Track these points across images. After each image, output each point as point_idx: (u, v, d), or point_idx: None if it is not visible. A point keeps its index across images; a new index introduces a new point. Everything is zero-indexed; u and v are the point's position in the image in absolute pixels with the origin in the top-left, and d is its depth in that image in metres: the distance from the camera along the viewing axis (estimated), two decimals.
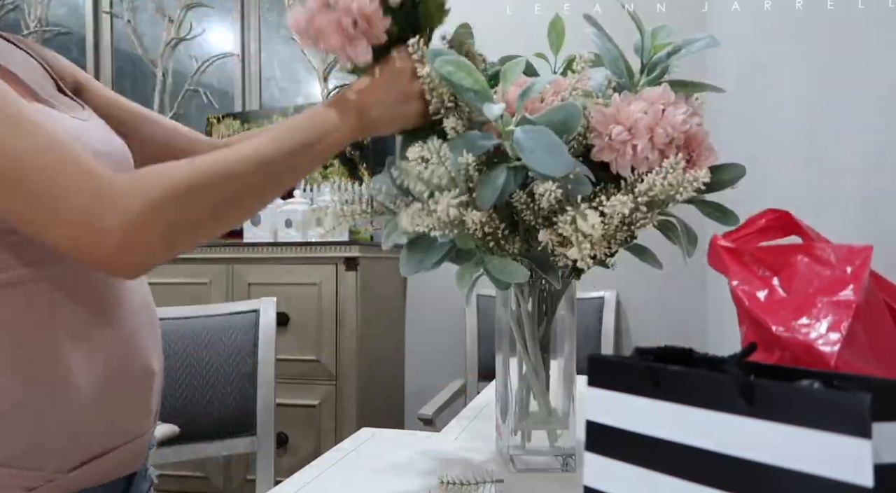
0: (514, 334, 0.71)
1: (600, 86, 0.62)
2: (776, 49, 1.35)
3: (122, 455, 0.65)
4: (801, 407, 0.33)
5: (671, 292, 2.11)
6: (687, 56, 0.64)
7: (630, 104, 0.58)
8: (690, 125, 0.59)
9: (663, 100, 0.59)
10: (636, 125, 0.58)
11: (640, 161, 0.58)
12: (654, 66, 0.64)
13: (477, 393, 1.94)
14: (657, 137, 0.58)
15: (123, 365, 0.64)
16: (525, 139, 0.56)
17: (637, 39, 0.65)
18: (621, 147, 0.58)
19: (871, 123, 0.91)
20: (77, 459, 0.61)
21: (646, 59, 0.65)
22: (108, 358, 0.62)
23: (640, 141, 0.58)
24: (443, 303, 2.29)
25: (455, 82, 0.59)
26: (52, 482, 0.59)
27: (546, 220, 0.61)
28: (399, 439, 0.86)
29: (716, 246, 0.70)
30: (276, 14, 2.52)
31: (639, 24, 0.65)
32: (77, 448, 0.61)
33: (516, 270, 0.61)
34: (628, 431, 0.42)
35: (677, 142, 0.59)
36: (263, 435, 1.35)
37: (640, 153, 0.58)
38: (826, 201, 1.06)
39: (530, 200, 0.60)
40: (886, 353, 0.61)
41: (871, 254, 0.62)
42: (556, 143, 0.55)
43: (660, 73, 0.64)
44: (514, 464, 0.71)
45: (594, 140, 0.60)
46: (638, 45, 0.65)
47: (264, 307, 1.40)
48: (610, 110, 0.59)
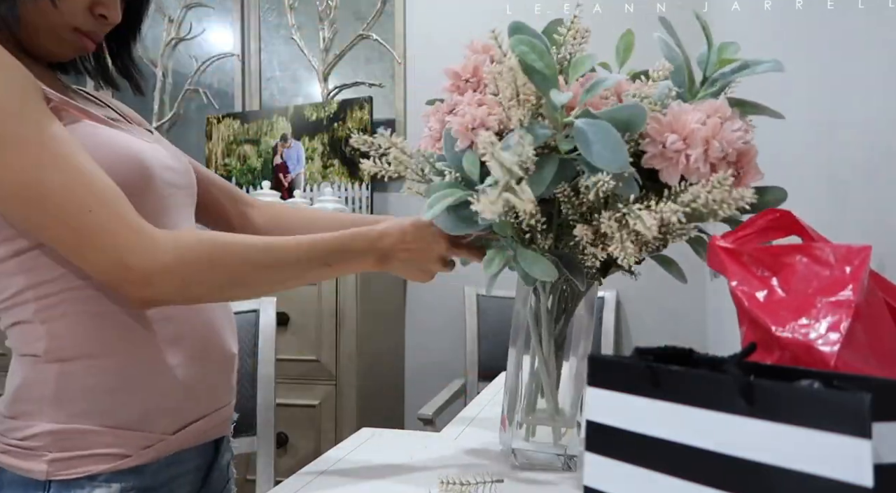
0: (531, 331, 0.71)
1: (661, 95, 0.62)
2: (776, 49, 1.35)
3: (212, 421, 0.77)
4: (801, 407, 0.33)
5: (671, 292, 2.10)
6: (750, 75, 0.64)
7: (688, 114, 0.58)
8: (744, 142, 0.59)
9: (720, 113, 0.58)
10: (692, 135, 0.57)
11: (692, 171, 0.58)
12: (716, 81, 0.64)
13: (477, 393, 1.94)
14: (712, 149, 0.57)
15: (205, 347, 0.75)
16: (588, 131, 0.56)
17: (703, 51, 0.64)
18: (675, 156, 0.58)
19: (872, 122, 0.91)
20: (178, 423, 0.73)
21: (709, 73, 0.64)
22: (191, 341, 0.73)
23: (695, 152, 0.57)
24: (443, 303, 2.29)
25: (527, 63, 0.59)
26: (161, 442, 0.71)
27: (583, 216, 0.61)
28: (399, 439, 0.86)
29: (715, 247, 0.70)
30: (276, 14, 2.52)
31: (709, 36, 0.65)
32: (176, 415, 0.72)
33: (547, 267, 0.61)
34: (628, 431, 0.42)
35: (729, 158, 0.59)
36: (263, 435, 1.35)
37: (692, 164, 0.57)
38: (826, 201, 1.06)
39: (573, 195, 0.61)
40: (886, 353, 0.61)
41: (870, 254, 0.62)
42: (616, 138, 0.55)
43: (720, 88, 0.64)
44: (515, 458, 0.71)
45: (647, 146, 0.60)
46: (702, 57, 0.65)
47: (264, 307, 1.40)
48: (667, 119, 0.58)
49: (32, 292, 0.67)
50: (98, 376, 0.68)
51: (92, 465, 0.67)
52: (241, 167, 2.42)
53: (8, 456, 0.67)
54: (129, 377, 0.69)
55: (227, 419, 0.82)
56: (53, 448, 0.66)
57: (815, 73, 1.13)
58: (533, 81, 0.59)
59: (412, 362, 2.35)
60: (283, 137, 2.35)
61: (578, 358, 0.71)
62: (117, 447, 0.68)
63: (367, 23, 2.37)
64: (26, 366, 0.68)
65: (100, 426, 0.67)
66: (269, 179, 2.34)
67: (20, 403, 0.68)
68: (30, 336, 0.67)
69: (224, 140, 2.44)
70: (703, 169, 0.58)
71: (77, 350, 0.67)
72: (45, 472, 0.65)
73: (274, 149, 2.37)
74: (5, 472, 0.67)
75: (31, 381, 0.67)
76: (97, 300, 0.67)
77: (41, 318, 0.67)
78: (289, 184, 2.34)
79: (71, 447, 0.66)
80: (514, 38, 0.59)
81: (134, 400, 0.69)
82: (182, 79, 2.60)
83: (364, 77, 2.41)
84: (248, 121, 2.41)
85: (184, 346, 0.73)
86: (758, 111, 0.65)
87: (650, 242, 0.62)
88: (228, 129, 2.43)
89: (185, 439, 0.73)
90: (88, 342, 0.67)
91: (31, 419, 0.67)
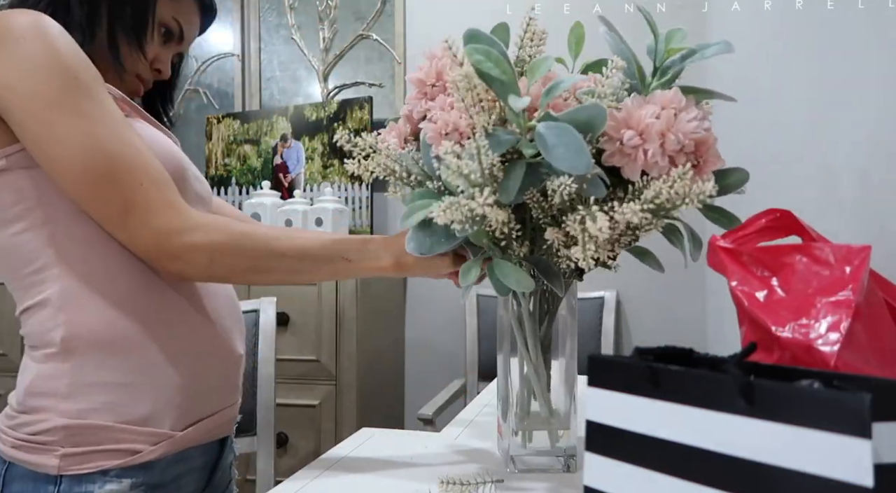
0: (515, 334, 0.71)
1: (615, 89, 0.61)
2: (776, 49, 1.35)
3: (218, 420, 0.79)
4: (801, 407, 0.33)
5: (671, 292, 2.11)
6: (700, 60, 0.63)
7: (641, 108, 0.58)
8: (700, 131, 0.59)
9: (674, 104, 0.58)
10: (647, 130, 0.57)
11: (651, 166, 0.58)
12: (667, 69, 0.63)
13: (477, 393, 1.94)
14: (668, 143, 0.57)
15: (214, 347, 0.77)
16: (548, 135, 0.56)
17: (650, 42, 0.65)
18: (633, 152, 0.58)
19: (872, 122, 0.91)
20: (188, 420, 0.74)
21: (658, 63, 0.64)
22: (202, 340, 0.76)
23: (651, 146, 0.57)
24: (443, 303, 2.29)
25: (483, 72, 0.59)
26: (170, 439, 0.72)
27: (554, 219, 0.61)
28: (399, 439, 0.86)
29: (714, 247, 0.70)
30: (276, 14, 2.52)
31: (653, 26, 0.65)
32: (186, 412, 0.74)
33: (523, 278, 0.61)
34: (628, 431, 0.42)
35: (687, 148, 0.58)
36: (263, 435, 1.35)
37: (650, 158, 0.57)
38: (826, 201, 1.06)
39: (542, 198, 0.60)
40: (886, 353, 0.61)
41: (869, 254, 0.62)
42: (578, 141, 0.54)
43: (672, 77, 0.63)
44: (515, 465, 0.71)
45: (605, 144, 0.59)
46: (650, 48, 0.65)
47: (264, 307, 1.40)
48: (621, 115, 0.58)
49: (60, 268, 0.68)
50: (111, 370, 0.69)
51: (103, 460, 0.68)
52: (241, 167, 2.42)
53: (19, 451, 0.68)
54: (142, 373, 0.70)
55: (232, 419, 0.83)
56: (66, 443, 0.67)
57: (814, 73, 1.13)
58: (492, 88, 0.60)
59: (412, 362, 2.35)
60: (283, 137, 2.35)
61: (567, 358, 0.71)
62: (128, 443, 0.69)
63: (367, 23, 2.37)
64: (40, 360, 0.69)
65: (112, 422, 0.68)
66: (269, 179, 2.34)
67: (33, 397, 0.69)
68: (48, 323, 0.68)
69: (224, 140, 2.44)
70: (661, 163, 0.57)
71: (93, 342, 0.68)
72: (57, 467, 0.66)
73: (274, 149, 2.37)
74: (15, 466, 0.68)
75: (45, 375, 0.68)
76: (125, 288, 0.70)
77: (61, 302, 0.68)
78: (289, 184, 2.34)
79: (83, 442, 0.67)
80: (468, 48, 0.59)
81: (145, 397, 0.71)
82: (182, 79, 2.60)
83: (364, 77, 2.41)
84: (248, 121, 2.41)
85: (194, 344, 0.75)
86: (712, 96, 0.65)
87: (619, 240, 0.62)
88: (228, 129, 2.43)
89: (192, 437, 0.75)
90: (107, 332, 0.69)
91: (44, 413, 0.68)
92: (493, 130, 0.59)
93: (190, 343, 0.74)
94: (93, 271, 0.69)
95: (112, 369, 0.69)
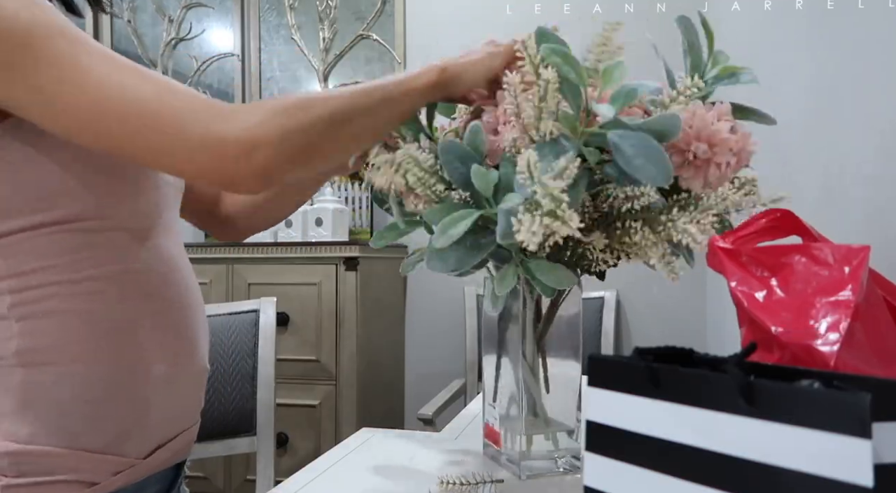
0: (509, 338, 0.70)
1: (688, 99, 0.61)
2: (776, 49, 1.35)
3: (181, 442, 0.71)
4: (801, 407, 0.33)
5: (671, 293, 2.10)
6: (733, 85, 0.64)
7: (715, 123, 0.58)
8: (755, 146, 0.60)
9: (727, 117, 0.59)
10: (722, 144, 0.57)
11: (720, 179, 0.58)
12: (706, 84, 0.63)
13: (477, 393, 1.93)
14: (743, 156, 0.58)
15: (186, 362, 0.70)
16: (623, 144, 0.54)
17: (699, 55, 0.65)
18: (703, 165, 0.58)
19: (872, 122, 0.91)
20: (150, 446, 0.66)
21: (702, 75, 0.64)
22: (175, 355, 0.68)
23: (723, 159, 0.57)
24: (443, 303, 2.29)
25: (563, 75, 0.57)
26: (133, 468, 0.64)
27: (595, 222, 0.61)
28: (399, 439, 0.86)
29: (714, 247, 0.70)
30: (276, 14, 2.51)
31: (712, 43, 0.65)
32: (149, 436, 0.66)
33: (565, 275, 0.60)
34: (628, 431, 0.42)
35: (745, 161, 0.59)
36: (263, 435, 1.34)
37: (724, 172, 0.57)
38: (826, 201, 1.06)
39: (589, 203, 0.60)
40: (886, 352, 0.62)
41: (868, 254, 0.62)
42: (659, 151, 0.53)
43: (706, 94, 0.64)
44: (518, 470, 0.70)
45: (672, 156, 0.58)
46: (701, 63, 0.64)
47: (264, 307, 1.40)
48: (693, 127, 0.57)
49: (11, 281, 0.60)
50: (71, 388, 0.60)
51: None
52: None
53: None
54: (107, 393, 0.62)
55: (191, 441, 0.75)
56: (9, 472, 0.58)
57: (814, 73, 1.13)
58: (562, 92, 0.58)
59: (412, 361, 2.35)
60: None
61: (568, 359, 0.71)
62: (85, 473, 0.60)
63: (367, 23, 2.37)
64: None
65: (67, 448, 0.60)
66: None
67: None
68: (2, 333, 0.60)
69: None
70: (730, 175, 0.58)
71: (52, 355, 0.60)
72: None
73: None
74: None
75: None
76: (89, 298, 0.61)
77: (17, 314, 0.60)
78: None
79: (30, 471, 0.58)
80: (545, 48, 0.57)
81: (109, 419, 0.62)
82: (182, 79, 2.59)
83: (364, 77, 2.41)
84: None
85: (161, 359, 0.67)
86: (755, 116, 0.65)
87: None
88: None
89: (152, 464, 0.67)
90: (69, 347, 0.61)
91: None
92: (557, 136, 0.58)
93: (157, 358, 0.66)
94: (57, 280, 0.60)
95: (74, 386, 0.60)
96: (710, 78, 0.64)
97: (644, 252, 0.58)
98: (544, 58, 0.57)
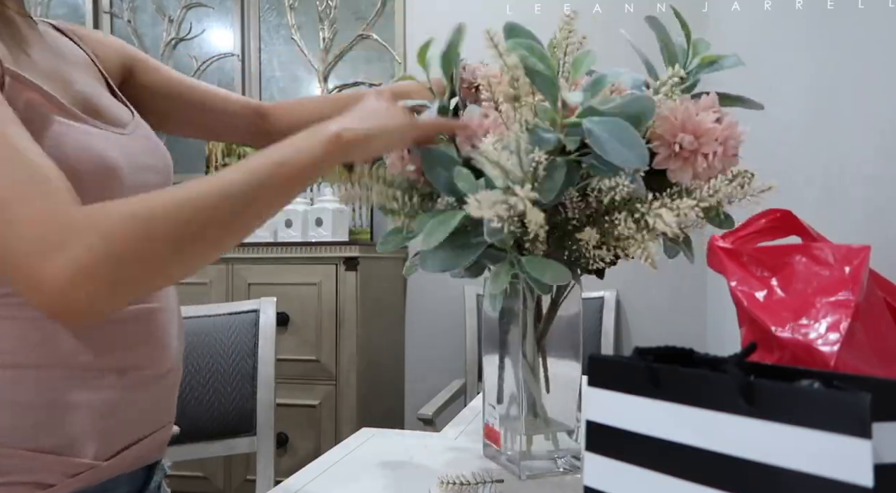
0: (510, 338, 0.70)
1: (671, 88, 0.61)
2: (776, 49, 1.35)
3: (150, 444, 0.69)
4: (801, 407, 0.33)
5: (671, 293, 2.11)
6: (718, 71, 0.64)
7: (699, 113, 0.57)
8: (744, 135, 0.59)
9: (714, 109, 0.58)
10: (708, 134, 0.57)
11: (707, 170, 0.58)
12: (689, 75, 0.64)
13: (477, 393, 1.93)
14: (729, 147, 0.57)
15: (152, 364, 0.68)
16: (598, 130, 0.54)
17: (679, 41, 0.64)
18: (690, 156, 0.57)
19: (872, 122, 0.91)
20: (112, 448, 0.64)
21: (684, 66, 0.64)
22: (140, 357, 0.66)
23: (709, 150, 0.57)
24: (443, 303, 2.29)
25: (528, 66, 0.57)
26: (92, 469, 0.62)
27: (588, 219, 0.61)
28: (399, 439, 0.86)
29: (714, 247, 0.70)
30: (276, 14, 2.51)
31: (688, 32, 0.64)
32: (111, 439, 0.64)
33: (559, 270, 0.59)
34: (628, 431, 0.42)
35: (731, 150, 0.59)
36: (263, 435, 1.34)
37: (711, 163, 0.57)
38: (826, 201, 1.06)
39: (580, 199, 0.60)
40: (886, 353, 0.62)
41: (869, 254, 0.62)
42: (632, 134, 0.53)
43: (692, 83, 0.64)
44: (518, 470, 0.70)
45: (658, 148, 0.58)
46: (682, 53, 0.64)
47: (264, 307, 1.40)
48: (678, 118, 0.57)
49: None
50: (26, 390, 0.59)
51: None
52: None
53: None
54: (62, 395, 0.60)
55: (163, 442, 0.73)
56: None
57: (814, 73, 1.13)
58: (535, 84, 0.58)
59: (412, 362, 2.35)
60: None
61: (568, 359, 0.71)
62: (40, 475, 0.59)
63: (367, 23, 2.37)
64: None
65: (21, 449, 0.58)
66: None
67: None
68: None
69: None
70: (718, 166, 0.58)
71: (9, 358, 0.59)
72: None
73: None
74: None
75: None
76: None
77: None
78: None
79: None
80: (511, 42, 0.58)
81: (66, 421, 0.60)
82: None
83: (364, 77, 2.41)
84: None
85: (125, 359, 0.65)
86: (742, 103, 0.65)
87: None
88: None
89: (117, 466, 0.65)
90: (25, 350, 0.59)
91: None
92: (532, 126, 0.58)
93: (119, 359, 0.64)
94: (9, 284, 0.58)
95: (28, 387, 0.58)
96: (693, 68, 0.64)
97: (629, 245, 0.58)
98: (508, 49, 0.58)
